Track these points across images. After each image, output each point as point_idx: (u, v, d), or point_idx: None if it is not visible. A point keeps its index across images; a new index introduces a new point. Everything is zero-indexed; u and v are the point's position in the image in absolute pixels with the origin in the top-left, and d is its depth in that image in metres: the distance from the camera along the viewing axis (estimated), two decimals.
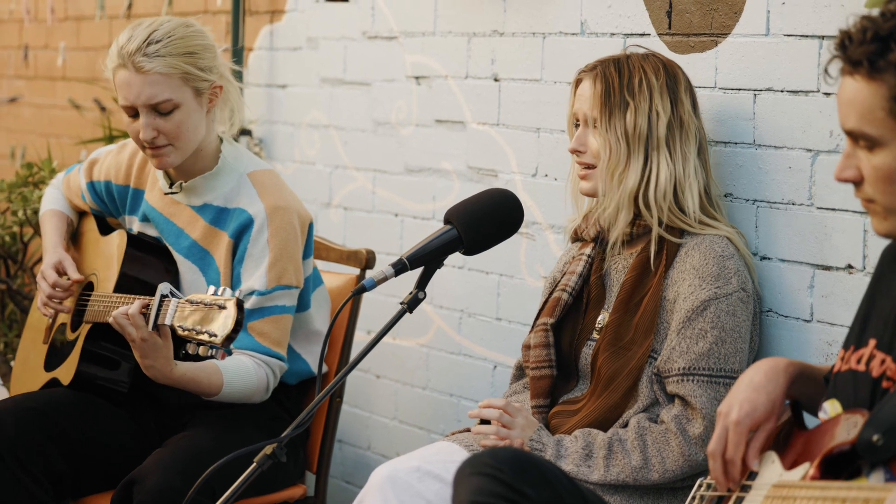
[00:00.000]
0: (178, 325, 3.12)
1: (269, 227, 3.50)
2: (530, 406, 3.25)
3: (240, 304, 3.06)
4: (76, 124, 6.28)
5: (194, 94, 3.49)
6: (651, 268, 3.15)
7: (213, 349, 3.09)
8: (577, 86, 3.25)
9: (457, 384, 4.16)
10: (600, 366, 3.14)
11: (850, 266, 3.04)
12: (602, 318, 3.22)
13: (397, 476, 3.05)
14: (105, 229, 3.79)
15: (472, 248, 2.98)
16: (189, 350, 3.12)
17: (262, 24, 4.92)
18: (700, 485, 2.58)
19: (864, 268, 3.01)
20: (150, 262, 3.61)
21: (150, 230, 3.67)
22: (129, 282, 3.56)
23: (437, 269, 2.94)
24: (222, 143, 3.61)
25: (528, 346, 3.29)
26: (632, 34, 3.53)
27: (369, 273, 3.84)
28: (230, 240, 3.53)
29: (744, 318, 3.08)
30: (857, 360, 2.39)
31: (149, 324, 3.19)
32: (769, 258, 3.22)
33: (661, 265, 3.13)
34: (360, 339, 4.14)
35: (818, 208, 3.10)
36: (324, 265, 3.96)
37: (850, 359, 2.42)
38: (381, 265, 4.09)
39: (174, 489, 3.21)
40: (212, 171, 3.58)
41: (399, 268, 2.88)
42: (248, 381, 3.43)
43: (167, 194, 3.62)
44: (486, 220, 2.99)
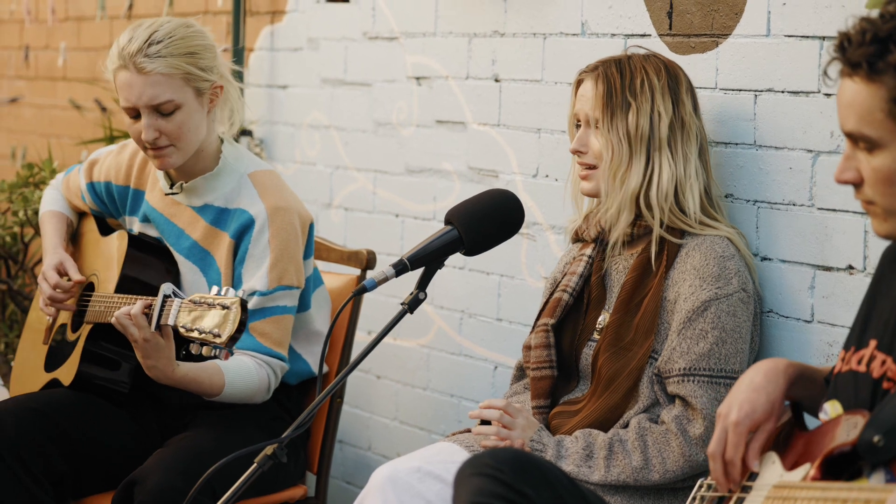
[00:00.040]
0: (182, 326, 3.12)
1: (271, 228, 3.50)
2: (531, 407, 3.25)
3: (244, 305, 3.06)
4: (77, 125, 6.28)
5: (195, 95, 3.49)
6: (652, 268, 3.15)
7: (217, 349, 3.09)
8: (578, 86, 3.25)
9: (457, 385, 4.16)
10: (601, 366, 3.14)
11: (850, 267, 3.04)
12: (603, 319, 3.22)
13: (398, 476, 3.05)
14: (105, 230, 3.79)
15: (472, 249, 2.98)
16: (192, 350, 3.12)
17: (262, 25, 4.92)
18: (700, 485, 2.58)
19: (865, 268, 3.01)
20: (150, 262, 3.61)
21: (151, 231, 3.67)
22: (130, 282, 3.56)
23: (438, 270, 2.94)
24: (223, 144, 3.61)
25: (528, 347, 3.29)
26: (632, 35, 3.53)
27: (370, 273, 3.83)
28: (231, 240, 3.53)
29: (744, 319, 3.08)
30: (858, 361, 2.39)
31: (151, 324, 3.19)
32: (770, 259, 3.22)
33: (661, 266, 3.13)
34: (361, 340, 4.14)
35: (819, 209, 3.10)
36: (324, 266, 3.96)
37: (850, 360, 2.42)
38: (382, 266, 4.08)
39: (175, 489, 3.21)
40: (212, 172, 3.57)
41: (400, 268, 2.88)
42: (250, 382, 3.43)
43: (168, 195, 3.62)
44: (487, 221, 2.99)
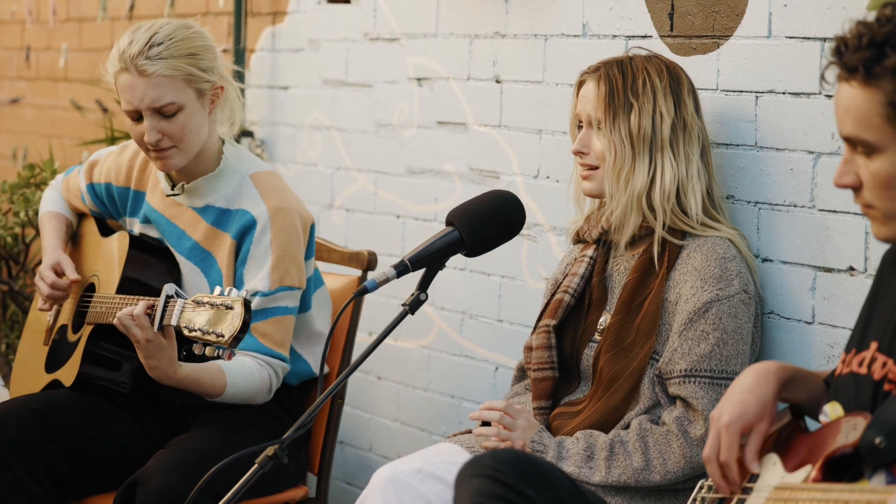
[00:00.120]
0: (185, 326, 3.12)
1: (272, 229, 3.50)
2: (532, 408, 3.25)
3: (247, 305, 3.06)
4: (78, 125, 6.28)
5: (197, 96, 3.49)
6: (653, 269, 3.15)
7: (220, 349, 3.10)
8: (579, 87, 3.25)
9: (458, 386, 4.16)
10: (602, 367, 3.14)
11: (851, 268, 3.04)
12: (604, 320, 3.22)
13: (399, 477, 3.05)
14: (105, 231, 3.79)
15: (473, 250, 2.98)
16: (195, 351, 3.13)
17: (263, 26, 4.92)
18: (701, 486, 2.58)
19: (866, 270, 3.01)
20: (152, 263, 3.61)
21: (152, 232, 3.67)
22: (131, 283, 3.56)
23: (439, 271, 2.94)
24: (224, 145, 3.62)
25: (530, 348, 3.29)
26: (634, 36, 3.53)
27: (371, 274, 3.83)
28: (232, 241, 3.53)
29: (745, 320, 3.08)
30: (859, 363, 2.39)
31: (154, 324, 3.20)
32: (771, 260, 3.22)
33: (662, 267, 3.13)
34: (362, 341, 4.14)
35: (820, 210, 3.10)
36: (325, 266, 3.96)
37: (851, 361, 2.42)
38: (383, 267, 4.08)
39: (177, 491, 3.21)
40: (214, 173, 3.58)
41: (401, 269, 2.88)
42: (251, 383, 3.43)
43: (169, 196, 3.62)
44: (488, 222, 2.99)
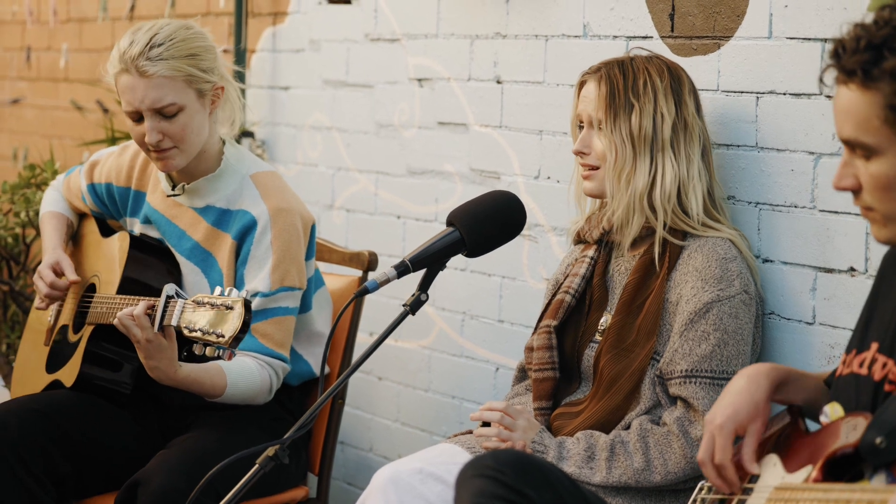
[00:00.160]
0: (185, 327, 3.12)
1: (273, 229, 3.50)
2: (533, 408, 3.25)
3: (248, 305, 3.06)
4: (78, 126, 6.28)
5: (197, 96, 3.49)
6: (654, 270, 3.15)
7: (221, 350, 3.10)
8: (580, 88, 3.25)
9: (459, 386, 4.16)
10: (603, 368, 3.14)
11: (852, 269, 3.04)
12: (605, 321, 3.22)
13: (399, 478, 3.05)
14: (106, 231, 3.79)
15: (474, 251, 2.98)
16: (196, 351, 3.13)
17: (264, 26, 4.93)
18: (701, 488, 2.58)
19: (867, 270, 3.01)
20: (152, 263, 3.61)
21: (152, 232, 3.67)
22: (132, 284, 3.56)
23: (440, 272, 2.94)
24: (225, 145, 3.62)
25: (530, 348, 3.29)
26: (634, 37, 3.53)
27: (371, 275, 3.83)
28: (233, 241, 3.53)
29: (746, 321, 3.08)
30: (860, 364, 2.39)
31: (154, 325, 3.20)
32: (771, 261, 3.22)
33: (663, 267, 3.13)
34: (363, 341, 4.14)
35: (820, 211, 3.10)
36: (326, 267, 3.96)
37: (851, 362, 2.42)
38: (384, 267, 4.08)
39: (178, 491, 3.21)
40: (214, 173, 3.58)
41: (401, 270, 2.88)
42: (252, 383, 3.43)
43: (170, 196, 3.62)
44: (489, 223, 2.99)
